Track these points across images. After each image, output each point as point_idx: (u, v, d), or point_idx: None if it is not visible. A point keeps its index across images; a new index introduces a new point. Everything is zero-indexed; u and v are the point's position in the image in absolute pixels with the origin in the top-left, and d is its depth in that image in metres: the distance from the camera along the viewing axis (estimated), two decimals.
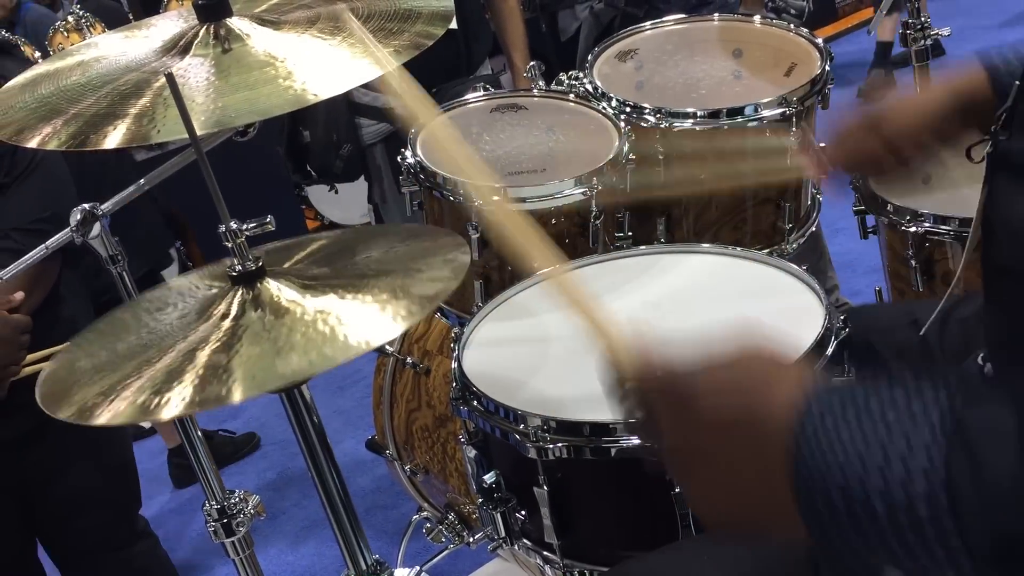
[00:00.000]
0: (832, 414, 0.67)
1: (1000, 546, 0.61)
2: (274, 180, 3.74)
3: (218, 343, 1.03)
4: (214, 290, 1.14)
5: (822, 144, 1.28)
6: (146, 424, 3.58)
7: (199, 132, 1.04)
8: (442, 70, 2.71)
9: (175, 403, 0.94)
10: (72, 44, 3.67)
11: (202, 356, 1.00)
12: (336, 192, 3.34)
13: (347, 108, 2.84)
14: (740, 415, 0.71)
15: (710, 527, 0.74)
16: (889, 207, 1.65)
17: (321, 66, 1.13)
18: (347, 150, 2.88)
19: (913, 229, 1.60)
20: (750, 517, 0.72)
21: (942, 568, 0.64)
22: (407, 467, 2.03)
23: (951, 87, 1.16)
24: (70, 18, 3.46)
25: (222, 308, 1.08)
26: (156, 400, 0.94)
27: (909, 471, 0.63)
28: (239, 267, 1.11)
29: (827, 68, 1.82)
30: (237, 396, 0.93)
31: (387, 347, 2.00)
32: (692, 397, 0.73)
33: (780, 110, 1.74)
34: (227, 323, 1.06)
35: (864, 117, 1.22)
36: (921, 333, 1.24)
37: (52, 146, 1.07)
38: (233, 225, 1.12)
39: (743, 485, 0.71)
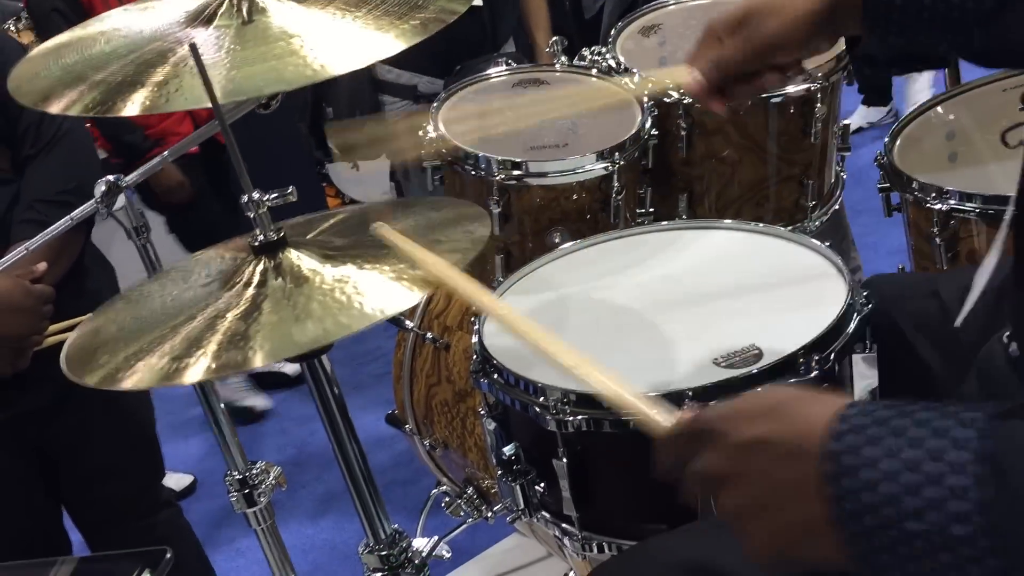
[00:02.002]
0: (864, 434, 0.67)
1: None
2: (295, 157, 3.74)
3: (239, 311, 1.04)
4: (237, 261, 1.15)
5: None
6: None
7: (219, 101, 1.05)
8: (467, 47, 2.70)
9: (197, 369, 0.95)
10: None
11: (224, 324, 1.01)
12: (357, 169, 3.34)
13: (370, 85, 2.84)
14: (770, 433, 0.71)
15: (757, 559, 0.73)
16: (914, 184, 1.63)
17: (343, 40, 1.13)
18: None
19: (939, 206, 1.58)
20: (794, 541, 0.71)
21: None
22: (426, 442, 2.04)
23: None
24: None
25: (244, 277, 1.09)
26: (178, 365, 0.95)
27: (943, 491, 0.62)
28: (261, 237, 1.12)
29: None
30: (256, 362, 0.94)
31: (407, 322, 2.00)
32: (722, 424, 0.74)
33: (805, 86, 1.72)
34: (249, 292, 1.07)
35: (730, 16, 1.10)
36: (957, 324, 1.22)
37: (75, 111, 1.07)
38: (256, 195, 1.13)
39: (784, 506, 0.70)
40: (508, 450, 1.33)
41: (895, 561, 0.65)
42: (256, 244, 1.12)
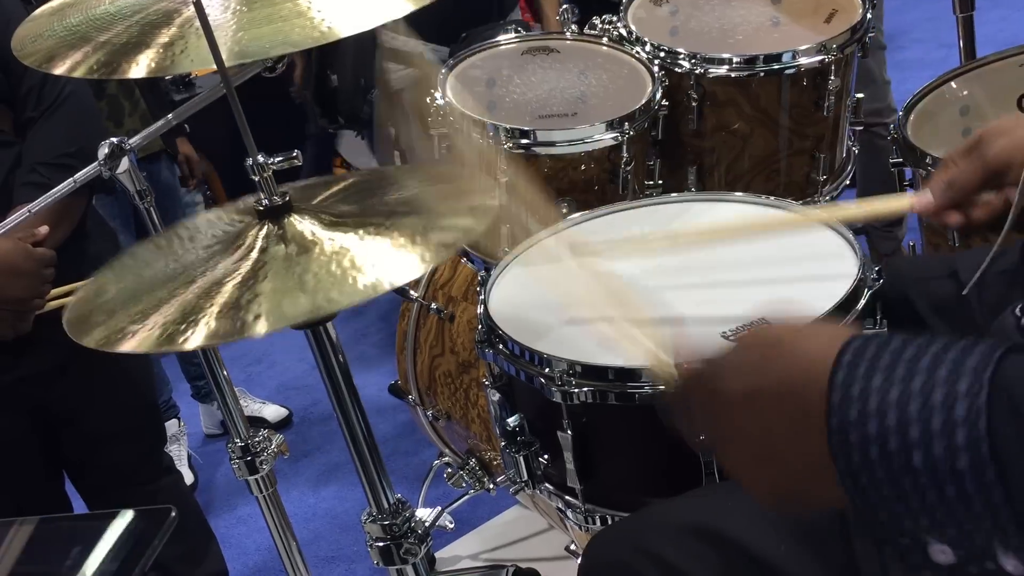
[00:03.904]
0: (866, 362, 0.64)
1: None
2: (300, 125, 3.72)
3: (240, 278, 1.02)
4: (241, 224, 1.13)
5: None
6: None
7: (225, 64, 1.03)
8: (473, 15, 2.68)
9: (196, 335, 0.94)
10: None
11: (224, 289, 1.00)
12: (363, 138, 3.32)
13: (375, 52, 2.81)
14: (763, 382, 0.69)
15: (767, 507, 0.72)
16: (928, 159, 1.61)
17: (350, 0, 1.11)
18: (375, 95, 2.86)
19: None
20: (795, 487, 0.69)
21: (985, 529, 0.61)
22: (429, 412, 2.04)
23: None
24: None
25: (247, 241, 1.07)
26: (177, 330, 0.94)
27: (950, 420, 0.60)
28: (265, 201, 1.10)
29: (868, 16, 1.78)
30: (254, 331, 0.93)
31: (411, 293, 1.99)
32: (715, 379, 0.72)
33: (819, 58, 1.70)
34: (251, 258, 1.06)
35: (964, 143, 1.14)
36: (964, 292, 1.21)
37: (80, 73, 1.06)
38: (260, 159, 1.11)
39: (783, 454, 0.68)
40: (512, 421, 1.32)
41: (897, 497, 0.62)
42: (261, 208, 1.10)
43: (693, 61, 1.74)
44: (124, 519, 1.03)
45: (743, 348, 0.73)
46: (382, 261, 1.02)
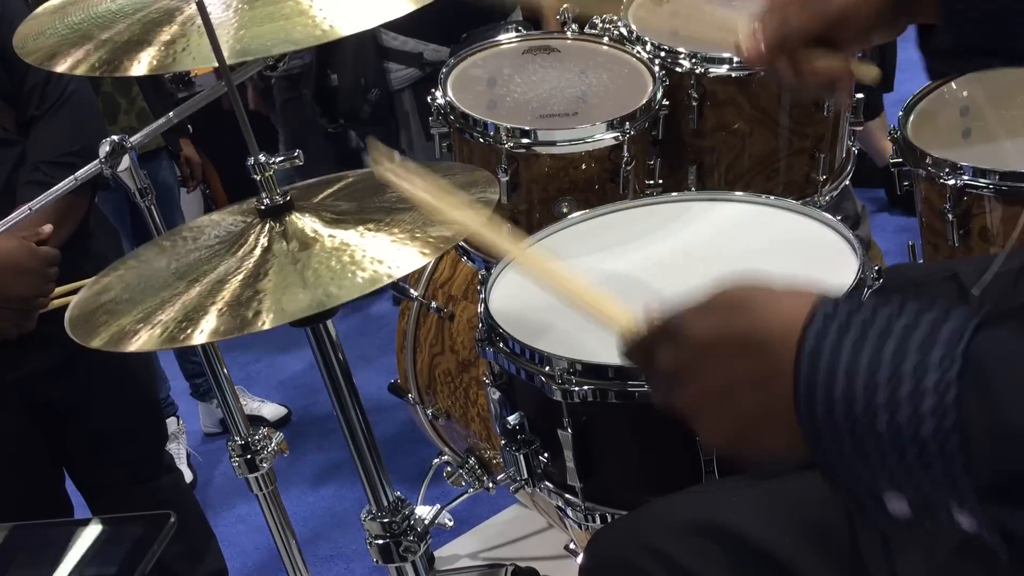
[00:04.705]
0: (838, 321, 0.66)
1: (1000, 482, 0.60)
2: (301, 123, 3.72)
3: (242, 275, 1.03)
4: (244, 224, 1.14)
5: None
6: None
7: (227, 62, 1.03)
8: (474, 15, 2.68)
9: (199, 333, 0.94)
10: None
11: (227, 287, 1.01)
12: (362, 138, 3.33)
13: (376, 52, 2.81)
14: (728, 330, 0.71)
15: (713, 448, 0.73)
16: (927, 159, 1.61)
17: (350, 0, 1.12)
18: (375, 95, 2.87)
19: (952, 182, 1.56)
20: (747, 433, 0.71)
21: (942, 492, 0.63)
22: (429, 411, 2.04)
23: None
24: None
25: (249, 240, 1.08)
26: (180, 328, 0.95)
27: (918, 389, 0.62)
28: (267, 201, 1.11)
29: None
30: (255, 327, 0.94)
31: (411, 291, 1.99)
32: (678, 327, 0.74)
33: None
34: (253, 256, 1.06)
35: None
36: (976, 292, 1.21)
37: (81, 71, 1.06)
38: (261, 158, 1.11)
39: (740, 401, 0.70)
40: (513, 419, 1.32)
41: (858, 456, 0.64)
42: (263, 207, 1.11)
43: (693, 61, 1.74)
44: (124, 524, 1.03)
45: (711, 298, 0.74)
46: (381, 255, 1.02)
